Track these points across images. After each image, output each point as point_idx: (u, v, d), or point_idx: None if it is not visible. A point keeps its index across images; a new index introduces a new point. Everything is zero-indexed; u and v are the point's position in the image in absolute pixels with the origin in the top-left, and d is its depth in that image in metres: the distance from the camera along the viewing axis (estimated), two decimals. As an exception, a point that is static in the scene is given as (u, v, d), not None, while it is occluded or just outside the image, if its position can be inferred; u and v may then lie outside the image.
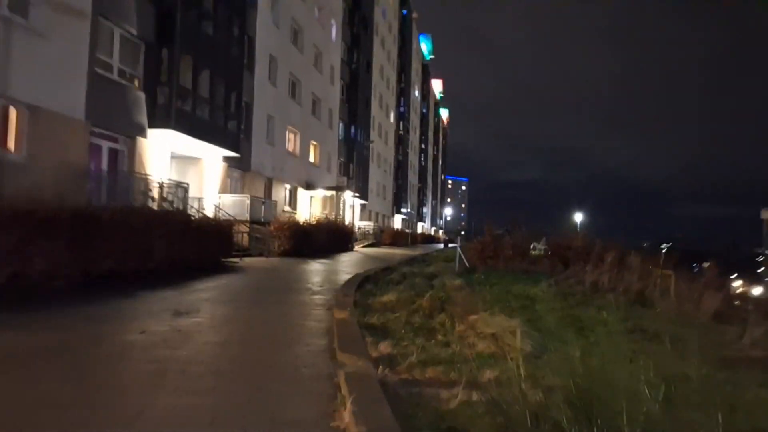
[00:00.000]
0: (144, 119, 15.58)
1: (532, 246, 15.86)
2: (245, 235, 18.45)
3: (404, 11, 62.98)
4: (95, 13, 13.22)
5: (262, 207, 21.50)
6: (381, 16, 50.57)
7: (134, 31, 14.95)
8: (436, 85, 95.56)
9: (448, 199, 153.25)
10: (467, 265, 15.15)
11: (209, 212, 17.71)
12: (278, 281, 11.66)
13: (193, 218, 13.57)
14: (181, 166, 19.32)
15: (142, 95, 15.45)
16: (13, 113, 11.37)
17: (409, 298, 8.41)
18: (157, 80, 15.95)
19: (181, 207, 15.06)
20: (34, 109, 11.51)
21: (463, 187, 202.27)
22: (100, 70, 13.76)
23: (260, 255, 18.45)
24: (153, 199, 14.17)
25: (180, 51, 16.09)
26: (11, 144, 11.39)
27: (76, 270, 8.59)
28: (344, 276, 12.68)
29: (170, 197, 14.96)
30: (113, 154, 15.03)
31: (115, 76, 14.56)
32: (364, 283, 10.95)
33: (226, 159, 20.38)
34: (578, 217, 39.58)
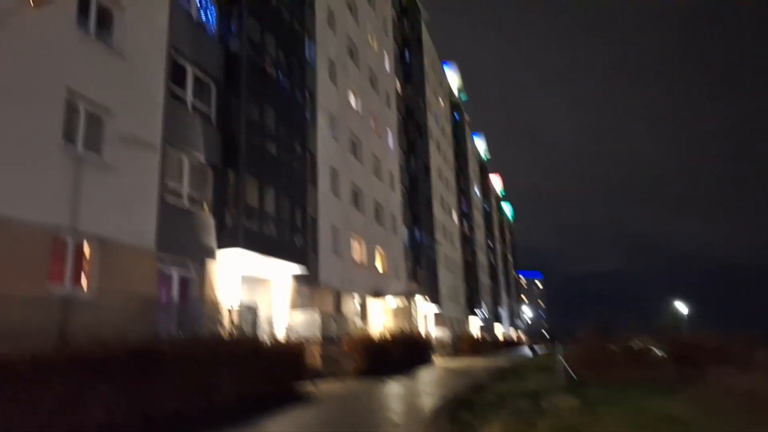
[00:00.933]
0: (213, 242, 15.35)
1: (648, 348, 13.61)
2: (317, 355, 17.24)
3: (456, 114, 64.62)
4: (164, 143, 13.48)
5: (333, 323, 20.41)
6: (434, 122, 51.79)
7: (202, 157, 15.16)
8: (496, 182, 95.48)
9: (524, 298, 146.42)
10: (573, 376, 13.04)
11: (280, 333, 16.79)
12: (355, 412, 10.20)
13: (262, 343, 12.61)
14: (251, 287, 18.79)
15: (210, 218, 15.34)
16: (84, 249, 11.21)
17: (519, 430, 6.75)
18: (225, 202, 15.91)
19: (251, 331, 14.23)
20: (104, 243, 11.33)
21: (539, 283, 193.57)
22: (169, 198, 13.78)
23: (334, 376, 17.04)
24: (222, 325, 13.45)
25: (245, 172, 16.14)
26: (81, 279, 11.11)
27: (135, 414, 7.65)
28: (429, 400, 11.04)
29: (240, 322, 14.21)
30: (183, 281, 14.66)
31: (184, 202, 14.57)
32: (455, 409, 9.32)
33: (295, 276, 19.79)
34: (679, 306, 35.72)
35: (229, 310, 13.99)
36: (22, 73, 9.82)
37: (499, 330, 76.01)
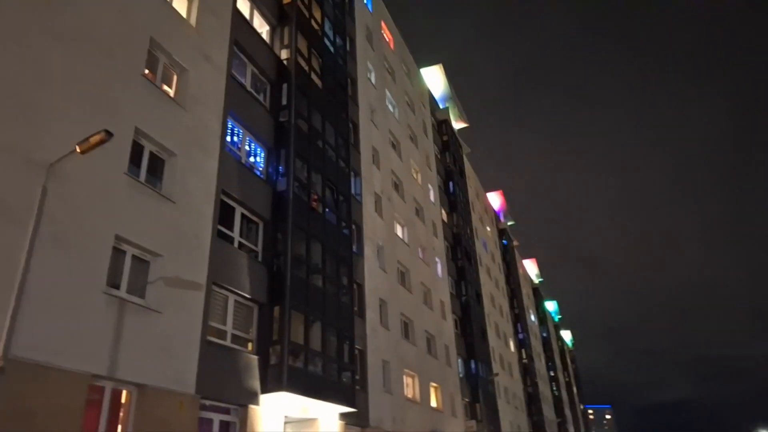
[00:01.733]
0: (257, 384, 14.68)
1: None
2: None
3: (504, 241, 64.26)
4: (210, 282, 13.52)
5: (386, 471, 18.56)
6: (483, 248, 51.43)
7: (247, 294, 15.08)
8: (551, 307, 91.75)
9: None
10: None
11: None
12: None
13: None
14: (296, 430, 17.63)
15: (254, 358, 14.83)
16: (120, 396, 10.83)
17: None
18: (269, 340, 15.46)
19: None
20: (142, 389, 10.94)
21: (608, 416, 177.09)
22: (212, 338, 13.50)
23: None
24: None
25: (291, 308, 15.87)
26: (116, 429, 10.58)
27: None
28: None
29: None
30: (224, 427, 13.85)
31: (228, 342, 14.24)
32: None
33: (343, 416, 18.51)
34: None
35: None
36: (71, 219, 10.19)
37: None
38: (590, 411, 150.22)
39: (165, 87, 14.00)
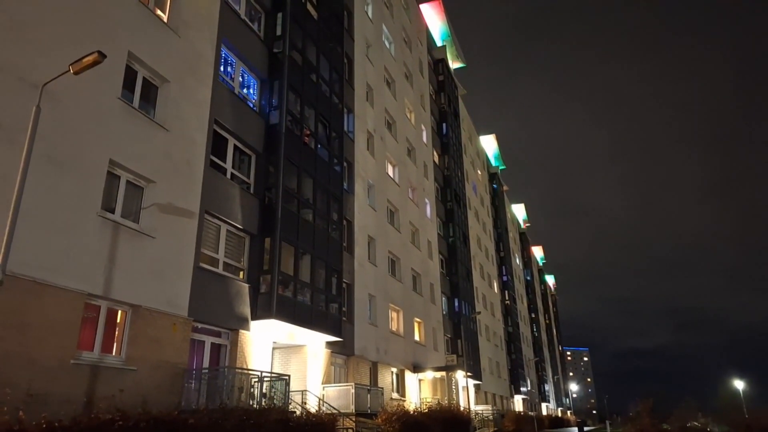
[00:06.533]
0: (247, 310, 15.25)
1: (706, 430, 12.44)
2: (350, 430, 16.48)
3: (494, 185, 64.66)
4: (202, 211, 13.78)
5: (368, 396, 19.64)
6: (472, 191, 51.85)
7: (239, 225, 15.39)
8: (537, 252, 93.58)
9: (570, 373, 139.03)
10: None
11: (312, 405, 16.22)
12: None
13: (292, 414, 12.14)
14: (284, 355, 18.47)
15: (245, 286, 15.33)
16: (115, 315, 11.28)
17: None
18: (260, 269, 15.93)
19: (281, 402, 13.78)
20: (136, 309, 11.38)
21: (585, 358, 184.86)
22: (205, 265, 13.89)
23: (368, 454, 16.16)
24: (252, 396, 13.10)
25: (282, 240, 16.25)
26: (111, 346, 11.10)
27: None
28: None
29: (271, 392, 13.82)
30: (215, 349, 14.52)
31: (219, 270, 14.64)
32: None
33: (329, 344, 19.37)
34: (737, 384, 33.05)
35: (259, 380, 13.63)
36: (65, 141, 10.29)
37: (546, 407, 71.79)
38: (568, 353, 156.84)
39: (158, 11, 13.67)
